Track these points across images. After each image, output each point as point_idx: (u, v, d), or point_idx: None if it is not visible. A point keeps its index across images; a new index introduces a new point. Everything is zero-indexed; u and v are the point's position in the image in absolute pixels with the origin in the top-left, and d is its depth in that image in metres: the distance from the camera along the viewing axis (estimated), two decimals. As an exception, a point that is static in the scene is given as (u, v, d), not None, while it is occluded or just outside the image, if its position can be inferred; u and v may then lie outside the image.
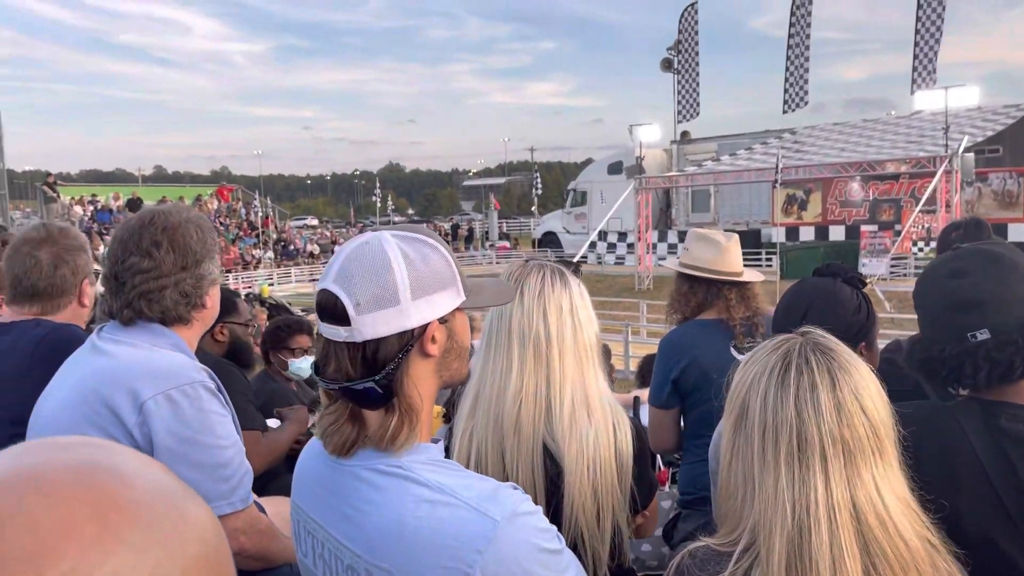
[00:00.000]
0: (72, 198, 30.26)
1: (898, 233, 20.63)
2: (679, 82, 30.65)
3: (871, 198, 24.44)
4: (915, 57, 26.03)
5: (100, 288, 2.05)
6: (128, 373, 1.70)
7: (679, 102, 30.66)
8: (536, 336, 1.65)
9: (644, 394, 3.67)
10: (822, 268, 1.99)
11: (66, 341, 2.01)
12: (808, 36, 27.95)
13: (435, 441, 1.27)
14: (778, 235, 19.96)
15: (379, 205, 44.43)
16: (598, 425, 1.64)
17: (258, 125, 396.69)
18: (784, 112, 28.66)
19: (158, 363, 1.74)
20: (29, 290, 2.16)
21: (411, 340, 1.19)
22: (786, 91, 28.46)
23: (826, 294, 1.88)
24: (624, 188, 25.38)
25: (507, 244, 38.61)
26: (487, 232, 41.35)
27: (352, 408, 1.19)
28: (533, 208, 45.57)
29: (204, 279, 1.85)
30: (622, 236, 27.90)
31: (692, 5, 30.67)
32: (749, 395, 1.23)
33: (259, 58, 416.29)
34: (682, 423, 2.91)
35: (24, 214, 31.60)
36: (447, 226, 41.18)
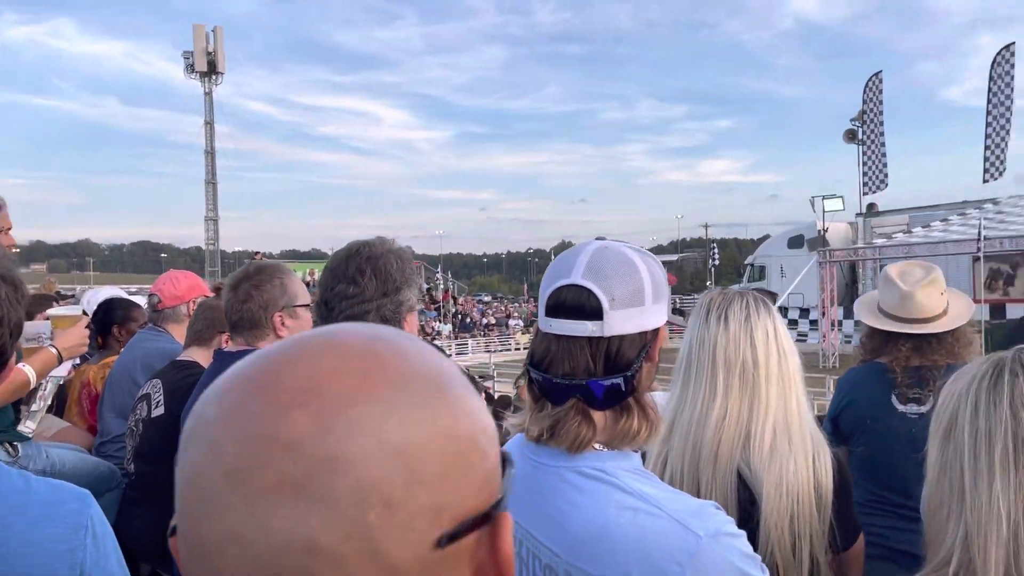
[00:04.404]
0: (275, 273, 33.25)
1: None
2: (864, 153, 29.39)
3: (1092, 272, 22.06)
4: None
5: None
6: None
7: (865, 174, 29.32)
8: (743, 362, 1.65)
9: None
10: None
11: None
12: (1012, 102, 26.09)
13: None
14: (982, 313, 18.34)
15: (553, 280, 44.94)
16: (797, 454, 1.61)
17: (439, 207, 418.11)
18: (985, 182, 26.69)
19: None
20: (233, 325, 2.38)
21: (647, 342, 1.22)
22: (986, 159, 26.54)
23: None
24: (805, 262, 24.38)
25: (681, 321, 37.92)
26: (660, 308, 40.75)
27: (583, 407, 1.19)
28: (708, 283, 44.66)
29: (403, 305, 1.97)
30: (804, 312, 26.66)
31: (876, 75, 29.57)
32: (959, 405, 1.19)
33: (441, 144, 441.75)
34: None
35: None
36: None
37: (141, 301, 4.31)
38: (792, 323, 27.05)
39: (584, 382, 1.18)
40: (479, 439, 0.50)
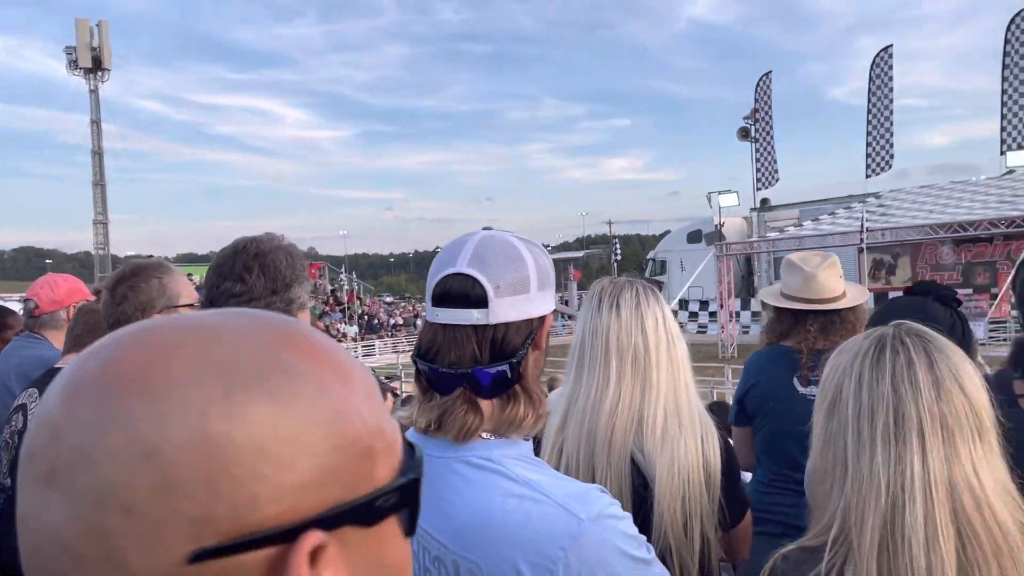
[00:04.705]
0: (170, 277, 31.95)
1: (994, 296, 19.73)
2: (757, 150, 30.56)
3: (964, 261, 23.53)
4: (1003, 118, 25.40)
5: None
6: None
7: (758, 169, 30.49)
8: (635, 349, 1.68)
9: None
10: (913, 286, 1.96)
11: None
12: (891, 101, 27.61)
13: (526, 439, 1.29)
14: (867, 301, 19.23)
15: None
16: (687, 435, 1.65)
17: (344, 207, 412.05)
18: (867, 177, 28.18)
19: None
20: (110, 328, 2.21)
21: (533, 330, 1.22)
22: (868, 156, 28.03)
23: (916, 312, 1.84)
24: (704, 256, 25.21)
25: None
26: (567, 302, 41.38)
27: (470, 396, 1.19)
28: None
29: (293, 302, 1.89)
30: (703, 304, 27.52)
31: (767, 74, 30.80)
32: (843, 379, 1.23)
33: (345, 143, 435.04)
34: None
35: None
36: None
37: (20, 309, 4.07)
38: (693, 315, 27.89)
39: (470, 370, 1.18)
40: (275, 448, 0.44)
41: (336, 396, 0.48)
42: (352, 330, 33.21)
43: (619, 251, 43.41)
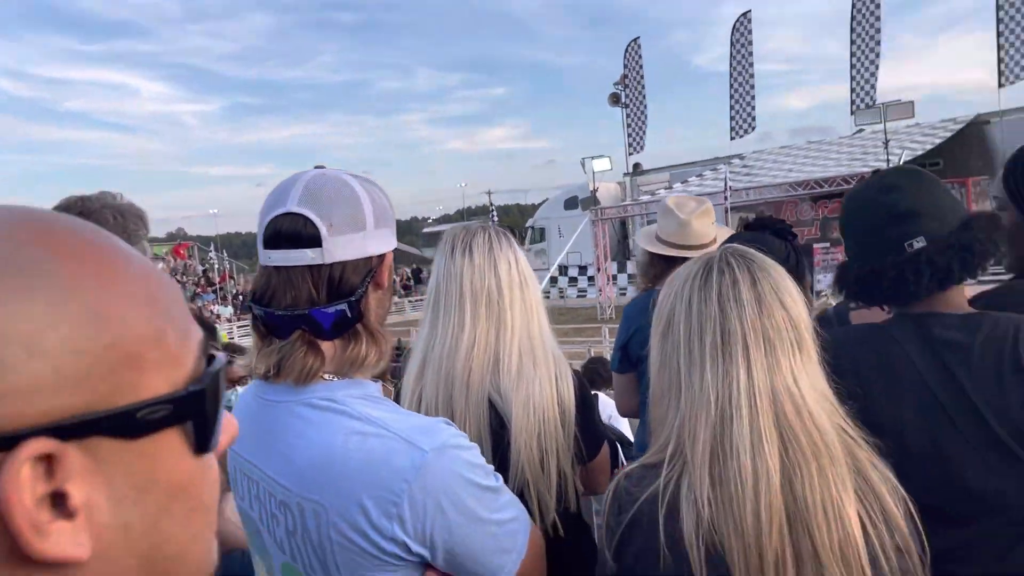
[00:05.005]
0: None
1: (849, 248, 21.03)
2: (628, 115, 31.22)
3: (820, 216, 24.92)
4: (852, 79, 26.92)
5: None
6: None
7: (629, 135, 31.18)
8: (488, 291, 1.69)
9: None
10: (751, 222, 2.05)
11: None
12: (751, 65, 28.73)
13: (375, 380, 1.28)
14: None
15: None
16: (542, 374, 1.67)
17: (212, 184, 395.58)
18: (732, 139, 29.33)
19: None
20: None
21: (373, 268, 1.21)
22: (732, 119, 29.14)
23: (754, 245, 1.93)
24: (580, 221, 25.67)
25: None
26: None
27: (309, 338, 1.17)
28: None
29: None
30: (582, 269, 28.07)
31: (635, 40, 31.42)
32: (675, 303, 1.28)
33: (210, 118, 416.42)
34: None
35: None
36: (408, 271, 41.01)
37: None
38: (572, 280, 28.43)
39: (307, 312, 1.16)
40: None
41: (91, 297, 0.45)
42: (227, 311, 32.07)
43: (496, 219, 43.66)
